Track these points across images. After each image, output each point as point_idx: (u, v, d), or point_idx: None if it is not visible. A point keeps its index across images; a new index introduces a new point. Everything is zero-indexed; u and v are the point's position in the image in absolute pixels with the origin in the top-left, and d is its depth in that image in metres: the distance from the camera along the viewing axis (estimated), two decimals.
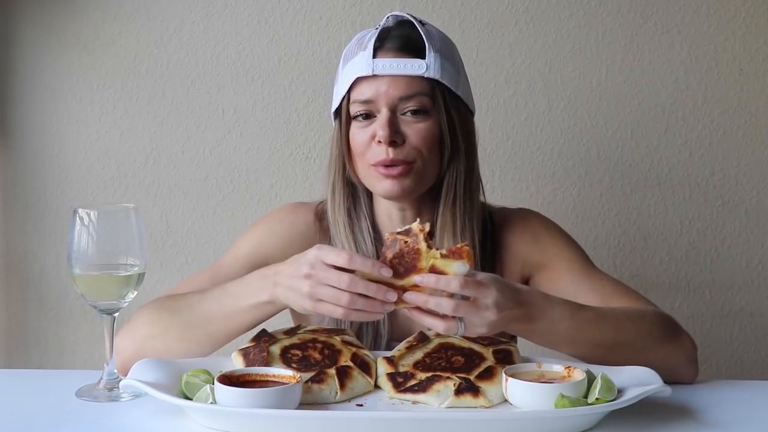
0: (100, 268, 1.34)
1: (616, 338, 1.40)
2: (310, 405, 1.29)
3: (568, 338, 1.37)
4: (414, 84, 1.53)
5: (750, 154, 2.29)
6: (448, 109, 1.56)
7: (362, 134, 1.55)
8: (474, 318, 1.26)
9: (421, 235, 1.27)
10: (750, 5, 2.26)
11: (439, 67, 1.54)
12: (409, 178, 1.54)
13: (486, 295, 1.26)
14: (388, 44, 1.55)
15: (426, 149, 1.54)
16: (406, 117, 1.54)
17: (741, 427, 1.25)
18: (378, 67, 1.53)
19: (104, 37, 2.25)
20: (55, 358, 2.28)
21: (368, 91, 1.54)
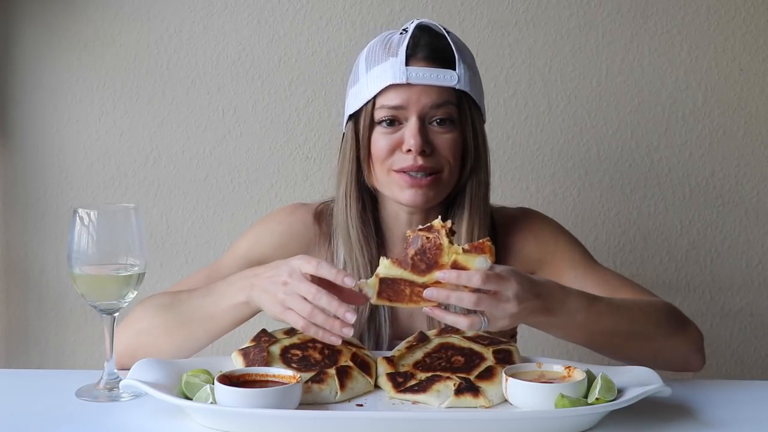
0: (100, 268, 1.34)
1: (630, 328, 1.43)
2: (310, 405, 1.29)
3: (585, 329, 1.39)
4: (444, 94, 1.54)
5: (750, 154, 2.29)
6: (473, 120, 1.58)
7: (386, 140, 1.55)
8: (495, 311, 1.28)
9: (443, 231, 1.28)
10: (750, 5, 2.26)
11: (468, 80, 1.56)
12: (434, 189, 1.56)
13: (507, 287, 1.28)
14: (420, 53, 1.55)
15: (453, 159, 1.56)
16: (434, 126, 1.55)
17: (741, 427, 1.25)
18: (412, 75, 1.53)
19: (104, 37, 2.25)
20: (55, 358, 2.28)
21: (399, 98, 1.54)
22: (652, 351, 1.45)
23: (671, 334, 1.48)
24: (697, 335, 1.52)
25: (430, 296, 1.26)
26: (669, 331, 1.48)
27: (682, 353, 1.49)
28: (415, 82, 1.53)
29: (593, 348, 1.46)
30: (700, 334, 1.53)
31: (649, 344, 1.46)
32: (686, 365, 1.51)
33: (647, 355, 1.45)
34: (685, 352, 1.50)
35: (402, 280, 1.28)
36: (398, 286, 1.28)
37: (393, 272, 1.28)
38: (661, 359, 1.48)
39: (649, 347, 1.45)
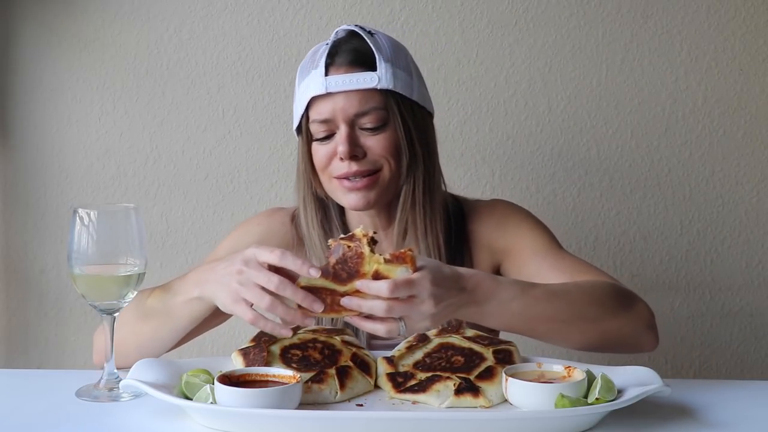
0: (100, 268, 1.34)
1: (570, 312, 1.40)
2: (310, 405, 1.29)
3: (522, 317, 1.36)
4: (368, 98, 1.55)
5: (750, 154, 2.29)
6: (403, 117, 1.58)
7: (323, 150, 1.58)
8: (412, 314, 1.26)
9: (365, 240, 1.26)
10: (750, 5, 2.26)
11: (391, 77, 1.55)
12: (374, 190, 1.57)
13: (419, 290, 1.25)
14: (339, 59, 1.56)
15: (390, 157, 1.57)
16: (365, 131, 1.56)
17: (741, 427, 1.25)
18: (331, 84, 1.54)
19: (104, 37, 2.25)
20: (55, 358, 2.28)
21: (324, 110, 1.56)
22: (597, 333, 1.41)
23: (616, 314, 1.44)
24: (645, 312, 1.48)
25: (347, 305, 1.25)
26: (614, 310, 1.44)
27: (631, 332, 1.45)
28: (335, 90, 1.54)
29: (537, 336, 1.43)
30: (649, 311, 1.49)
31: (594, 326, 1.42)
32: (637, 345, 1.47)
33: (593, 337, 1.42)
34: (634, 330, 1.45)
35: (323, 289, 1.26)
36: (320, 295, 1.26)
37: (315, 282, 1.26)
38: (609, 341, 1.44)
39: (594, 329, 1.42)
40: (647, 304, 1.49)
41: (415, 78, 1.62)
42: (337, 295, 1.26)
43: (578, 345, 1.45)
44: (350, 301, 1.25)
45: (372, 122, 1.55)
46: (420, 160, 1.59)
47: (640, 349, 1.48)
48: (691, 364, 2.32)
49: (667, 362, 2.32)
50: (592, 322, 1.41)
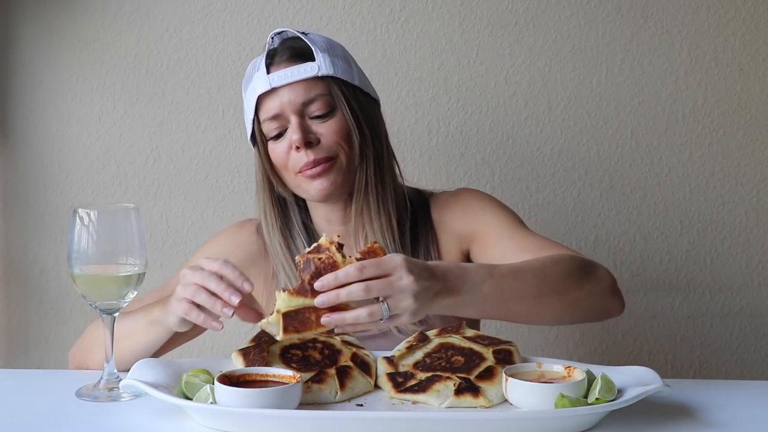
0: (100, 268, 1.34)
1: (539, 286, 1.40)
2: (310, 405, 1.29)
3: (495, 299, 1.34)
4: (311, 87, 1.59)
5: (750, 154, 2.29)
6: (348, 100, 1.61)
7: (280, 147, 1.61)
8: (393, 292, 1.23)
9: (333, 247, 1.25)
10: (750, 5, 2.26)
11: (330, 64, 1.60)
12: (333, 173, 1.60)
13: (392, 267, 1.24)
14: (278, 58, 1.62)
15: (342, 142, 1.60)
16: (315, 120, 1.60)
17: (741, 427, 1.25)
18: (274, 80, 1.59)
19: (104, 37, 2.25)
20: (55, 358, 2.28)
21: (272, 106, 1.60)
22: (569, 305, 1.42)
23: (581, 283, 1.44)
24: (608, 278, 1.49)
25: (323, 302, 1.22)
26: (578, 279, 1.44)
27: (598, 299, 1.47)
28: (278, 84, 1.59)
29: (513, 317, 1.43)
30: (611, 276, 1.49)
31: (563, 298, 1.42)
32: (604, 311, 1.49)
33: (564, 310, 1.43)
34: (599, 297, 1.47)
35: (305, 309, 1.23)
36: (303, 316, 1.23)
37: (294, 303, 1.23)
38: (580, 311, 1.46)
39: (563, 302, 1.42)
40: (608, 270, 1.50)
41: (354, 67, 1.66)
42: (321, 310, 1.23)
43: (551, 320, 1.48)
44: (328, 296, 1.22)
45: (320, 109, 1.59)
46: (369, 142, 1.63)
47: (608, 314, 1.50)
48: (691, 364, 2.32)
49: (667, 362, 2.32)
50: (561, 295, 1.42)
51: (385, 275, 1.23)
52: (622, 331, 2.32)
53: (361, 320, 1.23)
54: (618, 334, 2.32)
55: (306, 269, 1.24)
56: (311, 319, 1.23)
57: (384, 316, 1.23)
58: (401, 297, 1.24)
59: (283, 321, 1.23)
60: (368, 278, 1.22)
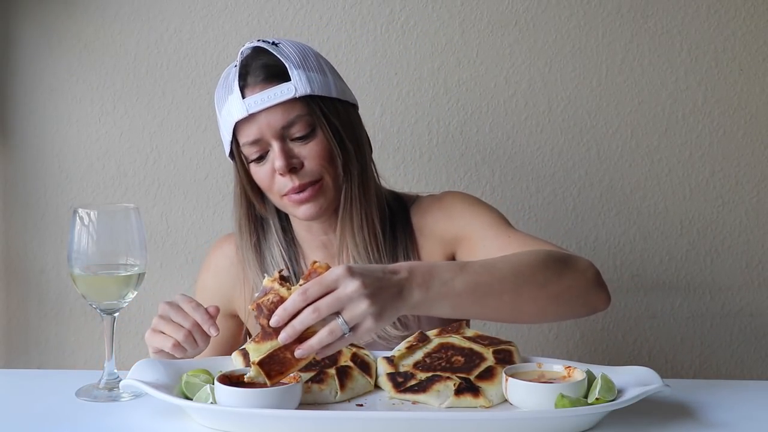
0: (100, 268, 1.34)
1: (515, 280, 1.34)
2: (310, 405, 1.29)
3: (471, 295, 1.30)
4: (290, 108, 1.56)
5: (750, 154, 2.29)
6: (328, 118, 1.58)
7: (263, 171, 1.59)
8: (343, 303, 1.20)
9: (276, 284, 1.24)
10: (750, 5, 2.26)
11: (306, 82, 1.56)
12: (321, 196, 1.59)
13: (335, 279, 1.21)
14: (251, 79, 1.57)
15: (326, 164, 1.58)
16: (296, 141, 1.57)
17: (741, 427, 1.25)
18: (250, 105, 1.55)
19: (104, 37, 2.25)
20: (55, 358, 2.28)
21: (251, 132, 1.57)
22: (550, 298, 1.37)
23: (561, 274, 1.39)
24: (590, 269, 1.43)
25: (284, 339, 1.20)
26: (557, 271, 1.39)
27: (581, 291, 1.41)
28: (255, 109, 1.55)
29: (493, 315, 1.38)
30: (594, 268, 1.44)
31: (543, 291, 1.36)
32: (589, 302, 1.42)
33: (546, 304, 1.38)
34: (583, 288, 1.41)
35: (277, 350, 1.22)
36: (278, 357, 1.22)
37: (264, 349, 1.23)
38: (563, 304, 1.40)
39: (544, 295, 1.36)
40: (591, 263, 1.45)
41: (330, 75, 1.62)
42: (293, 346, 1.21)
43: (534, 316, 1.41)
44: (287, 330, 1.20)
45: (300, 131, 1.56)
46: (353, 157, 1.61)
47: (593, 307, 1.43)
48: (691, 364, 2.32)
49: (667, 362, 2.32)
50: (540, 287, 1.36)
51: (330, 291, 1.21)
52: (622, 331, 2.32)
53: (324, 341, 1.20)
54: (618, 334, 2.32)
55: (260, 314, 1.23)
56: (288, 357, 1.21)
57: (344, 330, 1.20)
58: (353, 305, 1.20)
59: (262, 369, 1.21)
60: (315, 299, 1.20)
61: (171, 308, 1.42)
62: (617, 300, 2.30)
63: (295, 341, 1.21)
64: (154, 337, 1.42)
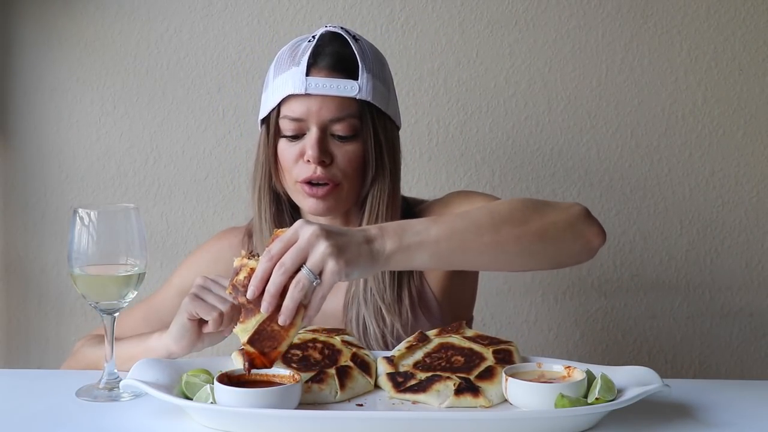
0: (100, 268, 1.34)
1: (493, 220, 1.31)
2: (310, 405, 1.29)
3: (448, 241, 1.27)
4: (345, 105, 1.55)
5: (750, 154, 2.29)
6: (376, 130, 1.59)
7: (291, 150, 1.58)
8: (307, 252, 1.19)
9: (245, 259, 1.23)
10: (750, 5, 2.26)
11: (371, 89, 1.56)
12: (332, 198, 1.58)
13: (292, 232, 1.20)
14: (322, 62, 1.56)
15: (352, 171, 1.58)
16: (335, 138, 1.57)
17: (741, 427, 1.25)
18: (311, 86, 1.54)
19: (104, 37, 2.25)
20: (55, 358, 2.28)
21: (299, 109, 1.56)
22: (534, 235, 1.32)
23: (543, 212, 1.35)
24: (576, 206, 1.39)
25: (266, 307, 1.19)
26: (539, 209, 1.35)
27: (568, 225, 1.35)
28: (315, 92, 1.54)
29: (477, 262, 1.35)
30: (580, 205, 1.39)
31: (525, 228, 1.32)
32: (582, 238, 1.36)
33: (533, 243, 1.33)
34: (571, 222, 1.36)
35: (262, 324, 1.21)
36: (266, 331, 1.21)
37: (250, 326, 1.21)
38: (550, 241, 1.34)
39: (528, 232, 1.32)
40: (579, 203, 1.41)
41: (392, 92, 1.63)
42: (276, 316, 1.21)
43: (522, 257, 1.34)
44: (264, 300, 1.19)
45: (344, 131, 1.56)
46: (387, 175, 1.61)
47: (586, 240, 1.37)
48: (691, 364, 2.32)
49: (667, 362, 2.32)
50: (521, 225, 1.32)
51: (291, 244, 1.20)
52: (622, 331, 2.32)
53: (296, 296, 1.18)
54: (618, 334, 2.32)
55: (237, 294, 1.22)
56: (275, 329, 1.20)
57: (310, 278, 1.18)
58: (313, 250, 1.19)
59: (255, 348, 1.21)
60: (280, 258, 1.19)
61: (213, 282, 1.39)
62: (617, 300, 2.31)
63: (277, 310, 1.20)
64: (195, 303, 1.37)
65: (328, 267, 1.19)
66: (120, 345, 1.48)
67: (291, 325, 1.20)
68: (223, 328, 1.39)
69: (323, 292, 1.20)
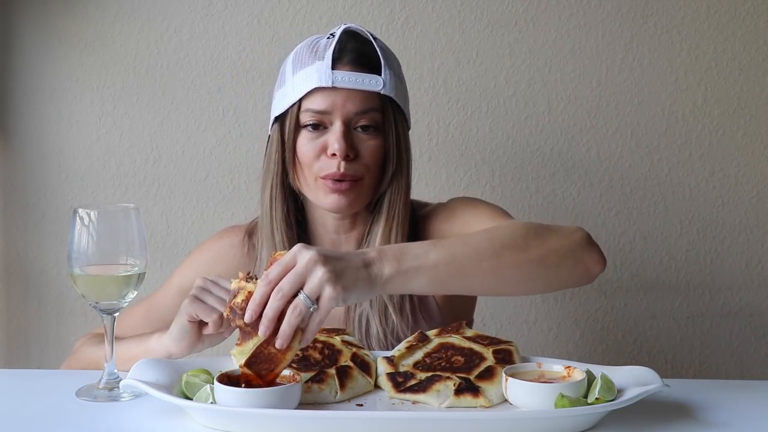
0: (100, 268, 1.34)
1: (493, 246, 1.31)
2: (310, 405, 1.29)
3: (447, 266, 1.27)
4: (369, 99, 1.56)
5: (750, 154, 2.29)
6: (397, 126, 1.60)
7: (311, 145, 1.57)
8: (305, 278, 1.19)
9: (243, 282, 1.24)
10: (750, 5, 2.26)
11: (394, 86, 1.58)
12: (354, 192, 1.57)
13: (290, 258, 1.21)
14: (347, 57, 1.57)
15: (374, 165, 1.58)
16: (358, 132, 1.57)
17: (741, 427, 1.25)
18: (337, 79, 1.54)
19: (104, 37, 2.25)
20: (55, 358, 2.28)
21: (324, 102, 1.55)
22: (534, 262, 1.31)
23: (545, 238, 1.34)
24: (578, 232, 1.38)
25: (263, 331, 1.19)
26: (540, 235, 1.34)
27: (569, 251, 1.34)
28: (341, 86, 1.54)
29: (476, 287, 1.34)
30: (582, 230, 1.39)
31: (526, 255, 1.31)
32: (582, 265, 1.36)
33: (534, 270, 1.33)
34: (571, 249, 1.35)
35: (260, 347, 1.21)
36: (263, 354, 1.21)
37: (248, 349, 1.22)
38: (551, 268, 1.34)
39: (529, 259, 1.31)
40: (580, 227, 1.40)
41: (407, 91, 1.65)
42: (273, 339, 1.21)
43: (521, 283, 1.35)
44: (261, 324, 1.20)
45: (368, 123, 1.56)
46: (405, 170, 1.62)
47: (586, 267, 1.36)
48: (691, 363, 2.32)
49: (666, 362, 2.32)
50: (522, 251, 1.31)
51: (289, 269, 1.20)
52: (622, 331, 2.32)
53: (293, 321, 1.19)
54: (618, 334, 2.32)
55: (235, 316, 1.23)
56: (272, 352, 1.21)
57: (307, 303, 1.19)
58: (311, 276, 1.19)
59: (251, 370, 1.22)
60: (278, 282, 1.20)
61: (213, 284, 1.39)
62: (617, 300, 2.31)
63: (274, 333, 1.20)
64: (195, 304, 1.37)
65: (326, 293, 1.20)
66: (120, 345, 1.48)
67: (288, 349, 1.21)
68: (223, 329, 1.39)
69: (320, 317, 1.21)
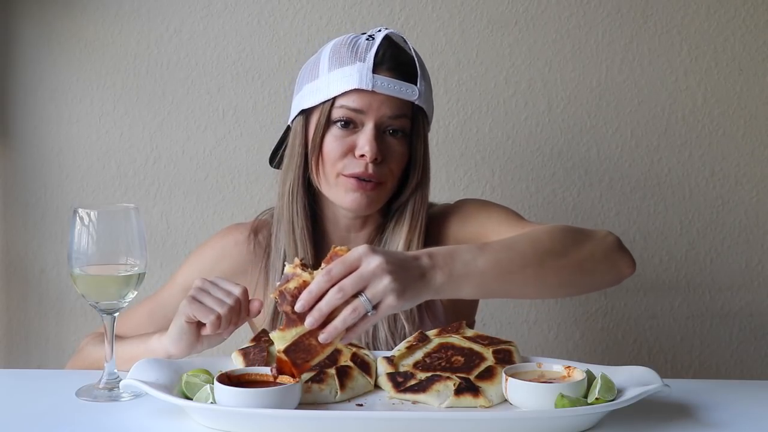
0: (100, 268, 1.34)
1: (536, 252, 1.35)
2: (310, 405, 1.29)
3: (494, 272, 1.30)
4: (404, 106, 1.59)
5: (750, 154, 2.29)
6: (424, 135, 1.63)
7: (340, 143, 1.58)
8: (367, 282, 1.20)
9: (298, 269, 1.24)
10: (750, 5, 2.26)
11: (426, 95, 1.61)
12: (376, 194, 1.59)
13: (356, 257, 1.21)
14: (387, 63, 1.58)
15: (398, 171, 1.60)
16: (387, 136, 1.58)
17: (741, 427, 1.25)
18: (377, 83, 1.56)
19: (104, 37, 2.25)
20: (55, 358, 2.28)
21: (361, 102, 1.57)
22: (573, 267, 1.37)
23: (582, 243, 1.40)
24: (610, 236, 1.44)
25: (311, 323, 1.20)
26: (577, 241, 1.40)
27: (603, 256, 1.41)
28: (380, 91, 1.56)
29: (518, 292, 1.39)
30: (613, 235, 1.45)
31: (565, 261, 1.37)
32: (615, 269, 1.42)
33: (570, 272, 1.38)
34: (605, 253, 1.41)
35: (302, 337, 1.22)
36: (303, 344, 1.22)
37: (289, 336, 1.22)
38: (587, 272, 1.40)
39: (567, 264, 1.37)
40: (610, 231, 1.46)
41: (433, 102, 1.67)
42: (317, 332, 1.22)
43: (558, 288, 1.41)
44: (313, 313, 1.20)
45: (399, 128, 1.58)
46: (428, 180, 1.64)
47: (618, 271, 1.43)
48: (691, 363, 2.32)
49: (666, 362, 2.32)
50: (562, 257, 1.37)
51: (353, 269, 1.21)
52: (622, 331, 2.32)
53: (348, 321, 1.20)
54: (618, 334, 2.32)
55: (284, 302, 1.23)
56: (313, 344, 1.22)
57: (367, 307, 1.20)
58: (376, 281, 1.20)
59: (288, 357, 1.22)
60: (339, 279, 1.20)
61: (211, 285, 1.40)
62: (617, 300, 2.31)
63: (320, 326, 1.21)
64: (193, 305, 1.38)
65: (388, 301, 1.21)
66: (122, 345, 1.48)
67: (329, 344, 1.22)
68: (221, 330, 1.39)
69: (372, 322, 1.22)
